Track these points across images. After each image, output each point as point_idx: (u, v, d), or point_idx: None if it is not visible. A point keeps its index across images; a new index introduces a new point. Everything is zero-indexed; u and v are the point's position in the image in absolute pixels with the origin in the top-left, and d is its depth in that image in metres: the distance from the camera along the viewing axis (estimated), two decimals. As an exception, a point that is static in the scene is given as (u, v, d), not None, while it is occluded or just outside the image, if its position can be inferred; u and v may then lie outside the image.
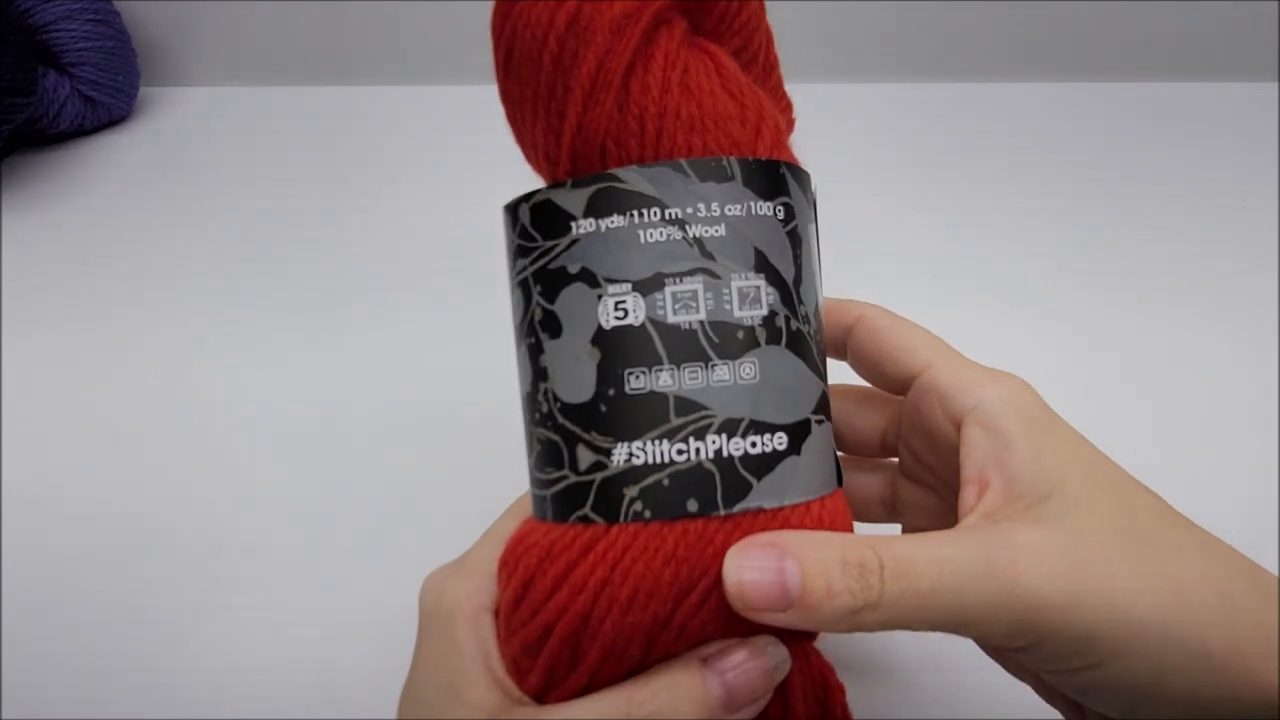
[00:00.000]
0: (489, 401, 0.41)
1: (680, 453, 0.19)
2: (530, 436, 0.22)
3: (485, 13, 0.23)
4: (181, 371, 0.44)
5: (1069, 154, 0.61)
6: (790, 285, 0.21)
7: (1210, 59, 0.67)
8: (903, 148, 0.62)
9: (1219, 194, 0.57)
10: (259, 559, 0.36)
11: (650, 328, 0.20)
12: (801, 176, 0.22)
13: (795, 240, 0.21)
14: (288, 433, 0.41)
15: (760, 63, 0.24)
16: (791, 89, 0.26)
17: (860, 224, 0.53)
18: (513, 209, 0.22)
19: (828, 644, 0.25)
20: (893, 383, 0.25)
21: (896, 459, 0.27)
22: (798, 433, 0.20)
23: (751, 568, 0.19)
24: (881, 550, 0.19)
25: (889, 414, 0.27)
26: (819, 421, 0.21)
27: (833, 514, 0.21)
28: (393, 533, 0.36)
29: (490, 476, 0.29)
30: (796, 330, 0.21)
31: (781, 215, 0.21)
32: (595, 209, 0.20)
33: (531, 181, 0.27)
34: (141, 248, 0.53)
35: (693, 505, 0.19)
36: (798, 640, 0.21)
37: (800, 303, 0.21)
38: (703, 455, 0.19)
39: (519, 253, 0.21)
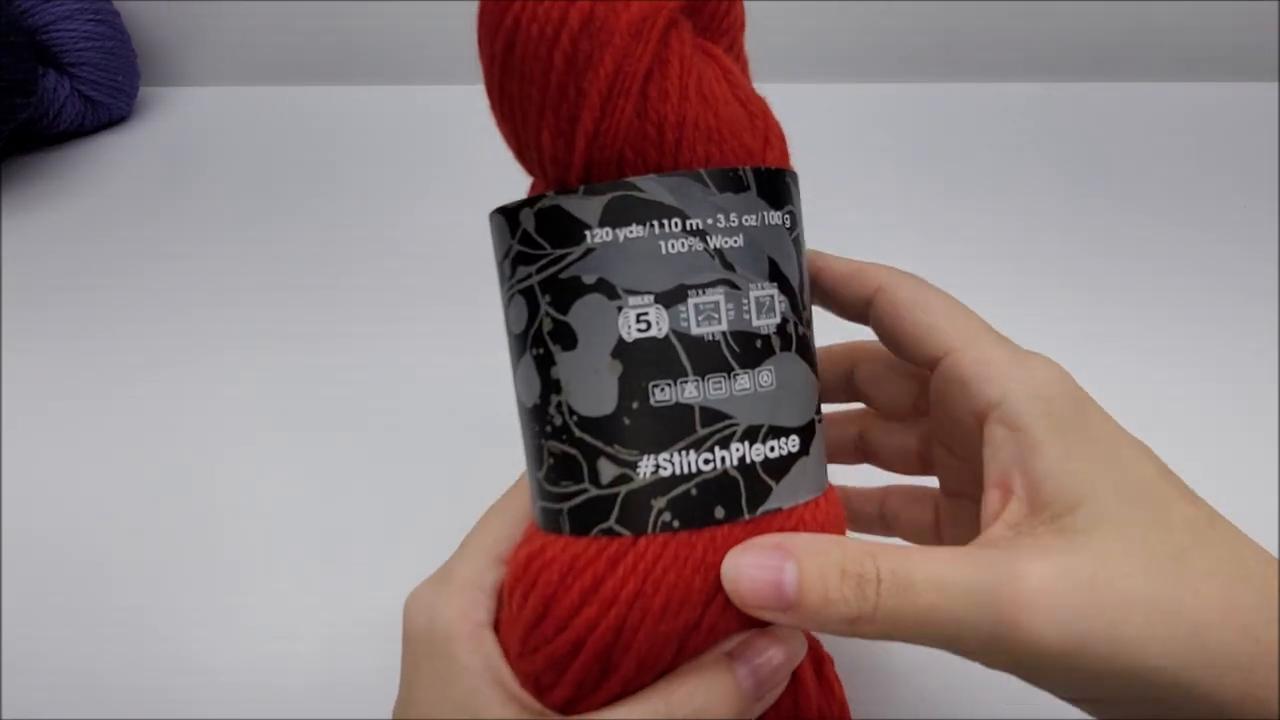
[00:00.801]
0: (488, 403, 0.41)
1: (707, 462, 0.20)
2: (538, 450, 0.21)
3: (484, 12, 0.22)
4: (181, 371, 0.44)
5: (1068, 154, 0.61)
6: (796, 292, 0.21)
7: (1210, 59, 0.67)
8: (900, 148, 0.62)
9: (1219, 194, 0.57)
10: (258, 561, 0.36)
11: (674, 340, 0.20)
12: (796, 182, 0.23)
13: (798, 247, 0.22)
14: (287, 432, 0.41)
15: (740, 62, 0.24)
16: (788, 90, 0.26)
17: (857, 226, 0.53)
18: (512, 214, 0.21)
19: (826, 640, 0.25)
20: (916, 364, 0.24)
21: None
22: (807, 433, 0.21)
23: (749, 569, 0.19)
24: (882, 562, 0.18)
25: (923, 380, 0.25)
26: (819, 420, 0.22)
27: (834, 505, 0.22)
28: (391, 535, 0.36)
29: (483, 478, 0.29)
30: (802, 335, 0.22)
31: (788, 224, 0.21)
32: (612, 218, 0.20)
33: (524, 184, 0.26)
34: (141, 248, 0.53)
35: (720, 512, 0.20)
36: None
37: (804, 307, 0.22)
38: (728, 463, 0.20)
39: (521, 259, 0.21)
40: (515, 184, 0.24)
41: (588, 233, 0.20)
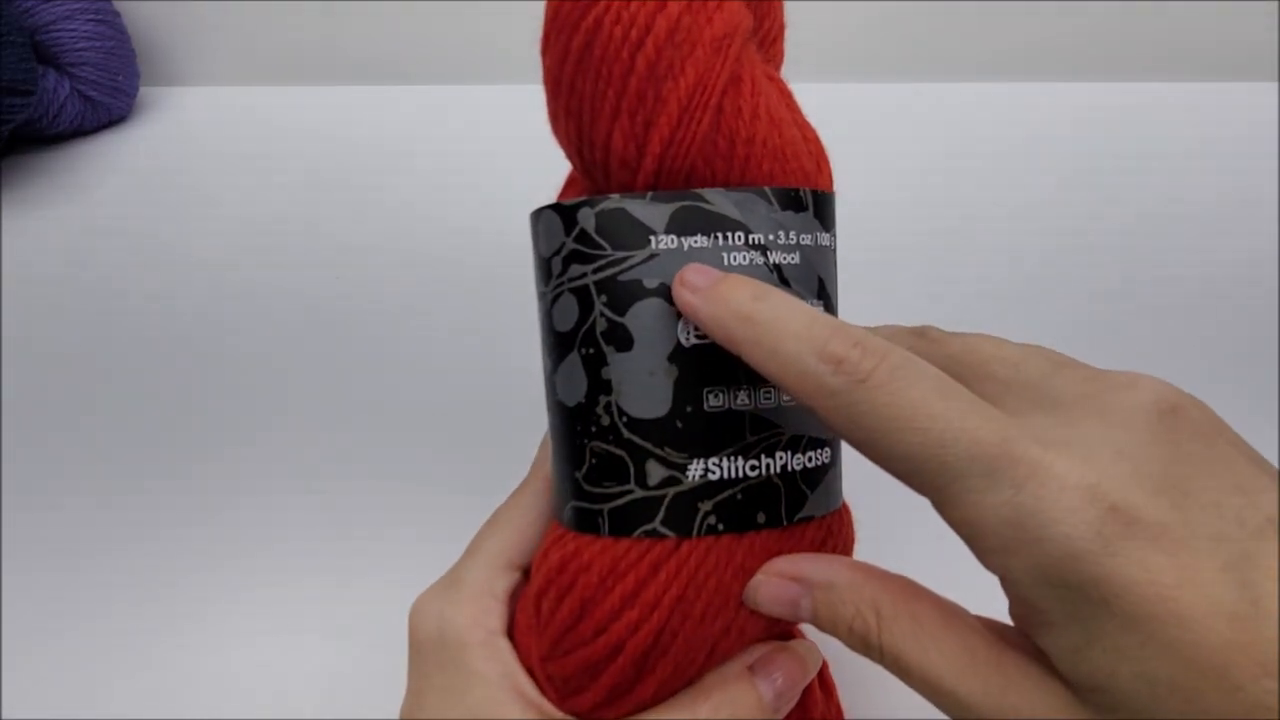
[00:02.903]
0: (492, 403, 0.41)
1: (753, 468, 0.20)
2: (578, 450, 0.21)
3: (484, 13, 0.22)
4: (180, 369, 0.44)
5: (1069, 154, 0.61)
6: (835, 309, 0.23)
7: (1210, 59, 0.67)
8: (900, 148, 0.61)
9: (1219, 194, 0.57)
10: (261, 562, 0.36)
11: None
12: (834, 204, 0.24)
13: (836, 266, 0.23)
14: (289, 431, 0.41)
15: None
16: (793, 89, 0.26)
17: (856, 226, 0.53)
18: (569, 212, 0.21)
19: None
20: None
21: None
22: (836, 446, 0.22)
23: (767, 603, 0.20)
24: (883, 631, 0.18)
25: None
26: None
27: (848, 516, 0.23)
28: (395, 539, 0.36)
29: (487, 480, 0.29)
30: None
31: (833, 246, 0.23)
32: (678, 226, 0.20)
33: (534, 181, 0.26)
34: (141, 248, 0.53)
35: (761, 518, 0.20)
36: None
37: None
38: (771, 471, 0.21)
39: (575, 258, 0.21)
40: (517, 184, 0.24)
41: (652, 238, 0.20)
